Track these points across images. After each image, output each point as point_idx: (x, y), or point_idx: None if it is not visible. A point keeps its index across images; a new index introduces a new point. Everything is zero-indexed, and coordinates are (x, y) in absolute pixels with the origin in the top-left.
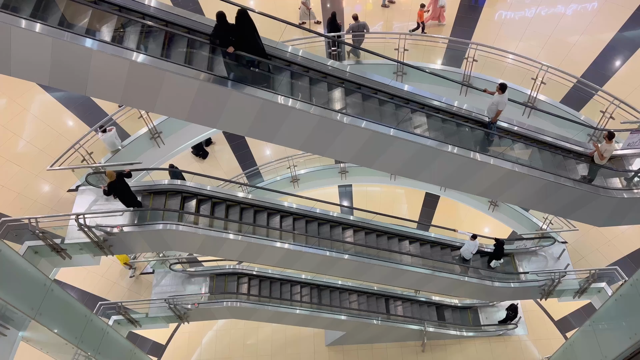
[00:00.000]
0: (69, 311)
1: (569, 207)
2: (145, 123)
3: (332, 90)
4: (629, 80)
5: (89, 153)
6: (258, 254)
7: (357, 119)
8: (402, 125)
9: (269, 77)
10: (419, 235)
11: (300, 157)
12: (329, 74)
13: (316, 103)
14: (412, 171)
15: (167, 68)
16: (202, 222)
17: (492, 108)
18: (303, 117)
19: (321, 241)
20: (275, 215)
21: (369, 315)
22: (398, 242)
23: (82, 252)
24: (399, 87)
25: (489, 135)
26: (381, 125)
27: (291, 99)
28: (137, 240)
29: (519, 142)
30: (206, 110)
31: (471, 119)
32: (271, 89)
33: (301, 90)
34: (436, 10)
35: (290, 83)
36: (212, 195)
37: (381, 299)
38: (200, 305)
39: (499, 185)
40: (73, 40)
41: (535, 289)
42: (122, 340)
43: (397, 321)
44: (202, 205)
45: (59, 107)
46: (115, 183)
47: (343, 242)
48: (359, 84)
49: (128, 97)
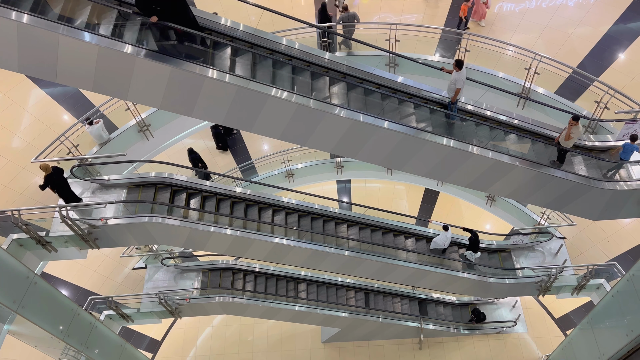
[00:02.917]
0: (54, 305)
1: (560, 199)
2: (132, 115)
3: (278, 67)
4: (627, 70)
5: (75, 145)
6: (246, 248)
7: (296, 95)
8: (351, 105)
9: (205, 52)
10: (403, 229)
11: (295, 152)
12: (275, 50)
13: (258, 79)
14: (373, 156)
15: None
16: (189, 215)
17: (450, 87)
18: (240, 93)
19: (311, 235)
20: (267, 210)
21: (364, 312)
22: (393, 237)
23: (68, 245)
24: (335, 61)
25: (451, 117)
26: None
27: (229, 75)
28: (122, 233)
29: (483, 124)
30: (145, 88)
31: (433, 100)
32: (210, 65)
33: (243, 67)
34: (480, 6)
35: (232, 60)
36: (201, 189)
37: (378, 296)
38: (191, 301)
39: (459, 169)
40: None
41: (532, 285)
42: (112, 335)
43: (393, 318)
44: (192, 199)
45: (48, 100)
46: (52, 176)
47: (333, 236)
48: (308, 62)
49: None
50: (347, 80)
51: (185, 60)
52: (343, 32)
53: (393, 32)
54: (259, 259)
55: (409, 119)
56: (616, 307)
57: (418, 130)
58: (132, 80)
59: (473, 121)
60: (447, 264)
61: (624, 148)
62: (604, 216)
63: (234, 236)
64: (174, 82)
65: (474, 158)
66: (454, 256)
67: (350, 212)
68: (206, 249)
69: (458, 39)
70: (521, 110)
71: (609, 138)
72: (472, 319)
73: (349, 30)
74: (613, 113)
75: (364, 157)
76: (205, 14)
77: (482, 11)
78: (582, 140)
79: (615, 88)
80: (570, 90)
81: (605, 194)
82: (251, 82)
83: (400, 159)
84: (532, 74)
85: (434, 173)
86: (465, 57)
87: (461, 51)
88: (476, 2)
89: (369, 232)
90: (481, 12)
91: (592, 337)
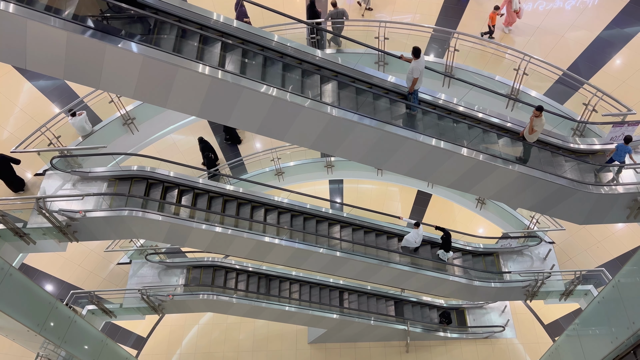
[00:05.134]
0: (30, 297)
1: (545, 202)
2: (116, 108)
3: (251, 57)
4: (617, 73)
5: (57, 137)
6: (227, 245)
7: (272, 87)
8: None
9: (177, 41)
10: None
11: (286, 149)
12: (249, 40)
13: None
14: (328, 146)
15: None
16: (169, 210)
17: (408, 76)
18: (214, 84)
19: (293, 234)
20: (247, 206)
21: (350, 313)
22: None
23: (46, 238)
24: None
25: (412, 108)
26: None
27: (201, 65)
28: (101, 226)
29: (446, 117)
30: (117, 76)
31: (391, 90)
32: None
33: (215, 57)
34: (511, 15)
35: (202, 48)
36: (179, 183)
37: (363, 297)
38: (175, 297)
39: (423, 163)
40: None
41: (519, 289)
42: (92, 330)
43: (379, 320)
44: (169, 193)
45: (34, 92)
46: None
47: (314, 234)
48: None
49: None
50: (321, 73)
51: (155, 48)
52: (332, 29)
53: (382, 29)
54: (241, 257)
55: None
56: (602, 314)
57: (344, 111)
58: (104, 68)
59: (436, 113)
60: (419, 263)
61: (617, 149)
62: (590, 220)
63: (215, 232)
64: (146, 70)
65: (426, 148)
66: (428, 256)
67: (333, 211)
68: (187, 245)
69: (447, 38)
70: (510, 112)
71: (595, 141)
72: (442, 321)
73: (338, 27)
74: (601, 116)
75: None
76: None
77: (512, 19)
78: (568, 143)
79: (603, 90)
80: (559, 93)
81: (590, 198)
82: (223, 72)
83: (330, 141)
84: (520, 75)
85: (369, 158)
86: (454, 57)
87: (450, 51)
88: (507, 10)
89: (351, 231)
90: (511, 20)
91: (578, 344)
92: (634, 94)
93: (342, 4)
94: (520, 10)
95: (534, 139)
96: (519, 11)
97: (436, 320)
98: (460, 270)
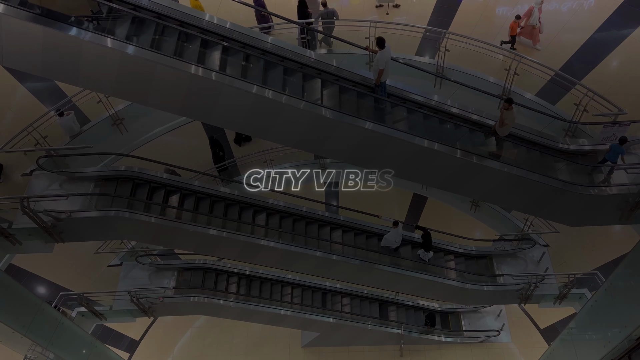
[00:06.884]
0: (16, 299)
1: (536, 204)
2: (105, 108)
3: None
4: (610, 74)
5: (43, 137)
6: (214, 247)
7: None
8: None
9: (155, 38)
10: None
11: (279, 151)
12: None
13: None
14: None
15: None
16: (157, 212)
17: (374, 68)
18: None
19: (282, 236)
20: (244, 209)
21: (342, 316)
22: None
23: (32, 238)
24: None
25: (380, 101)
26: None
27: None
28: (88, 227)
29: (417, 111)
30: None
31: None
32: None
33: (194, 54)
34: (527, 28)
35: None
36: (167, 184)
37: (356, 299)
38: (165, 300)
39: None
40: None
41: (512, 292)
42: (80, 332)
43: (372, 323)
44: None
45: (22, 91)
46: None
47: (303, 236)
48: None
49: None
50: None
51: (135, 46)
52: (323, 29)
53: (372, 29)
54: (230, 259)
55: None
56: (595, 318)
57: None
58: (81, 64)
59: (405, 107)
60: (401, 264)
61: (611, 149)
62: (582, 222)
63: (202, 234)
64: (125, 67)
65: (372, 135)
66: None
67: (322, 212)
68: (176, 247)
69: (438, 38)
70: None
71: (585, 142)
72: (427, 322)
73: (329, 27)
74: (592, 116)
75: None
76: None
77: (536, 37)
78: (557, 143)
79: (594, 90)
80: (551, 93)
81: (581, 199)
82: (200, 69)
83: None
84: (512, 75)
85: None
86: (444, 57)
87: (441, 51)
88: (525, 23)
89: (340, 234)
90: (535, 38)
91: (572, 348)
92: (627, 95)
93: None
94: (540, 25)
95: (506, 132)
96: (538, 27)
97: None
98: (454, 273)
